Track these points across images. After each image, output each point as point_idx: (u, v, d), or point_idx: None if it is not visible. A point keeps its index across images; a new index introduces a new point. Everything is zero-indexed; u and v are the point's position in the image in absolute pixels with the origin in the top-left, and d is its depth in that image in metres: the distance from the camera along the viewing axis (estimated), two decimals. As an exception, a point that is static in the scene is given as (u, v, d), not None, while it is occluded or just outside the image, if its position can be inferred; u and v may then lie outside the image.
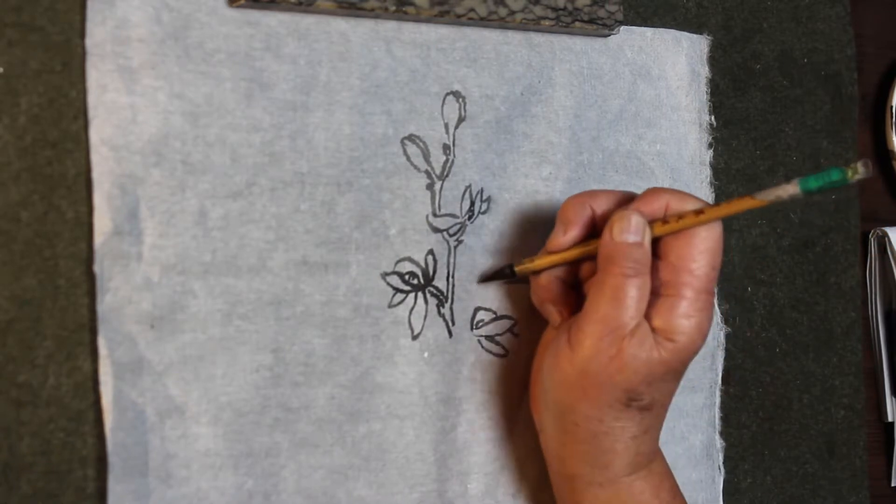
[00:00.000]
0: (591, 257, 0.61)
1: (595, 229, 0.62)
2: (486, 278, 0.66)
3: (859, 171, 0.53)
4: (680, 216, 0.58)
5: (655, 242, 0.59)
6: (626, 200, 0.61)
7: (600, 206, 0.61)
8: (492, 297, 0.67)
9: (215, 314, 0.58)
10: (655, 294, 0.59)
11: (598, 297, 0.58)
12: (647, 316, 0.58)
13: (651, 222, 0.59)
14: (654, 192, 0.60)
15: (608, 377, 0.58)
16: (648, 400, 0.59)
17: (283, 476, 0.60)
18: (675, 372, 0.59)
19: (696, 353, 0.59)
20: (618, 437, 0.59)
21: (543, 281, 0.63)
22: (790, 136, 0.81)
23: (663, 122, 0.74)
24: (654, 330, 0.58)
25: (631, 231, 0.58)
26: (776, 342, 0.80)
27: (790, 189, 0.55)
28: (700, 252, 0.58)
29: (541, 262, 0.63)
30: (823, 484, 0.81)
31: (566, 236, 0.62)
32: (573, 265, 0.63)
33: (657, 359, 0.58)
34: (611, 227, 0.59)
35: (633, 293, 0.57)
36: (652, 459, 0.62)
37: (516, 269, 0.64)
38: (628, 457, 0.60)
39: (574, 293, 0.63)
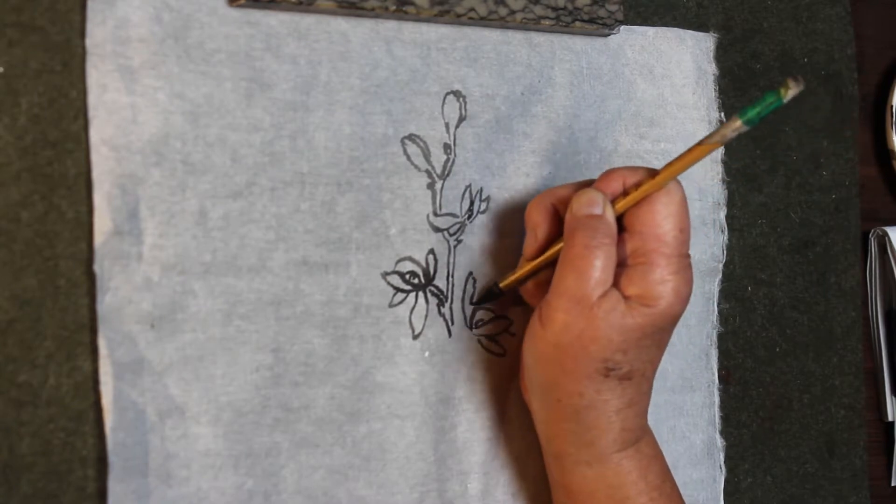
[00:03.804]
0: None
1: (562, 223, 0.62)
2: (479, 301, 0.66)
3: (791, 86, 0.53)
4: (638, 184, 0.59)
5: (622, 219, 0.60)
6: (585, 186, 0.62)
7: (562, 199, 0.62)
8: (492, 297, 0.67)
9: (215, 314, 0.58)
10: (627, 265, 0.59)
11: (562, 270, 0.58)
12: (622, 286, 0.58)
13: (613, 200, 0.59)
14: (610, 172, 0.61)
15: (582, 348, 0.58)
16: (627, 368, 0.59)
17: (284, 476, 0.60)
18: (651, 338, 0.59)
19: (674, 318, 0.59)
20: (601, 411, 0.59)
21: (531, 287, 0.64)
22: (790, 136, 0.81)
23: (668, 120, 0.74)
24: (629, 298, 0.58)
25: (589, 204, 0.59)
26: (776, 342, 0.80)
27: (733, 125, 0.56)
28: (664, 217, 0.58)
29: (522, 271, 0.63)
30: (823, 484, 0.81)
31: (538, 239, 0.62)
32: (554, 264, 0.63)
33: (631, 324, 0.58)
34: (570, 207, 0.60)
35: (596, 263, 0.57)
36: (639, 438, 0.62)
37: (501, 285, 0.65)
38: (613, 433, 0.60)
39: None
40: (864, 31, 0.86)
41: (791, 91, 0.53)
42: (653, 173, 0.59)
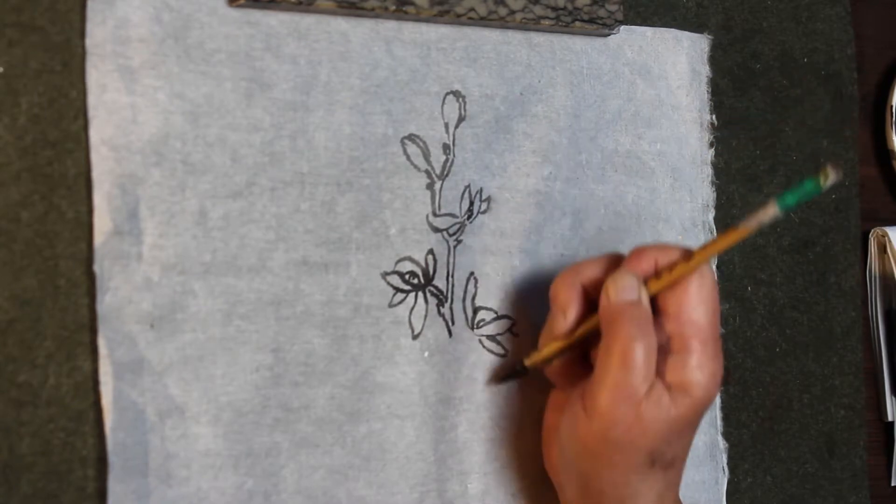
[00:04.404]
0: (597, 330, 0.60)
1: (590, 302, 0.61)
2: (499, 379, 0.66)
3: (830, 175, 0.53)
4: (671, 267, 0.58)
5: (653, 300, 0.58)
6: (614, 264, 0.61)
7: (589, 276, 0.61)
8: (492, 297, 0.67)
9: (215, 314, 0.58)
10: (663, 351, 0.58)
11: (606, 363, 0.57)
12: (660, 373, 0.57)
13: (645, 281, 0.58)
14: (639, 251, 0.59)
15: (630, 442, 0.57)
16: (671, 456, 0.59)
17: (284, 476, 0.60)
18: (693, 425, 0.59)
19: (711, 401, 0.58)
20: (646, 497, 0.59)
21: (556, 368, 0.63)
22: (790, 136, 0.81)
23: (664, 121, 0.74)
24: (668, 386, 0.57)
25: (626, 290, 0.58)
26: (776, 342, 0.80)
27: (770, 211, 0.54)
28: (699, 301, 0.57)
29: (549, 351, 0.62)
30: (823, 484, 0.81)
31: (567, 319, 0.61)
32: (581, 344, 0.62)
33: (675, 415, 0.57)
34: (606, 291, 0.58)
35: (641, 355, 0.56)
36: None
37: (527, 364, 0.64)
38: None
39: (588, 365, 0.62)
40: (864, 31, 0.86)
41: (831, 178, 0.53)
42: (686, 255, 0.58)
